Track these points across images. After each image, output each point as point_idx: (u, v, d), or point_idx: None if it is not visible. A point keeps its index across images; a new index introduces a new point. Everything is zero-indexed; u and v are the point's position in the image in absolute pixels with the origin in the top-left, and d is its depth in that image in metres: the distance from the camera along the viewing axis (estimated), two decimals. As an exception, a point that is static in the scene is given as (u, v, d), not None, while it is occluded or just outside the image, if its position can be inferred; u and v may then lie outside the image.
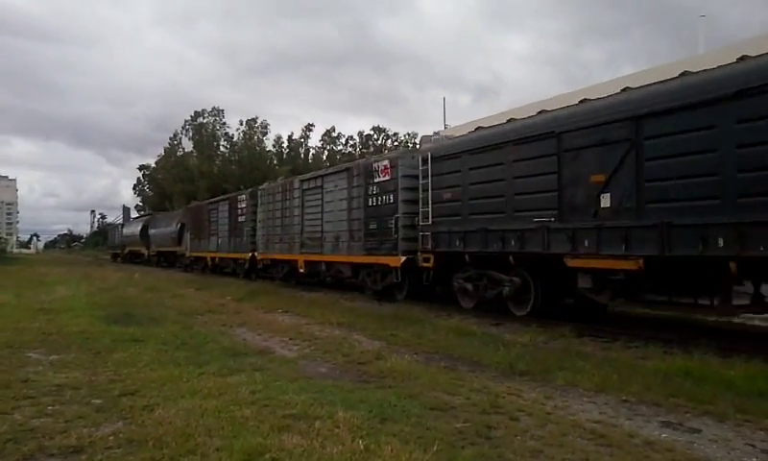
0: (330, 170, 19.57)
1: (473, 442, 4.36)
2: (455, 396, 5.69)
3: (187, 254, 32.31)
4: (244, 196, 24.95)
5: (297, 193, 19.98)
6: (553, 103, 11.77)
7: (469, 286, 12.48)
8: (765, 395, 5.62)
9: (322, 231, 18.07)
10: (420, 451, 4.00)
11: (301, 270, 19.48)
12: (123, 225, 57.86)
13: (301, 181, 20.10)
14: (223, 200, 28.28)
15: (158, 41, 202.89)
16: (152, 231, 42.63)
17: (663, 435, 4.65)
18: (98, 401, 5.41)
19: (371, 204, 15.43)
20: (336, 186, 17.45)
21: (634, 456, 4.12)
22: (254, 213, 23.58)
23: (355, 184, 16.33)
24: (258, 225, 23.12)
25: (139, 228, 46.23)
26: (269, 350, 8.25)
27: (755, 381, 5.93)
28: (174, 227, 36.40)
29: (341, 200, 17.08)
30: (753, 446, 4.45)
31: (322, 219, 18.17)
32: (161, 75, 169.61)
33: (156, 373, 6.48)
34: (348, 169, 17.23)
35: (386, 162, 15.04)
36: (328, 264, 18.08)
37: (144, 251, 44.28)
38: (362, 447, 4.07)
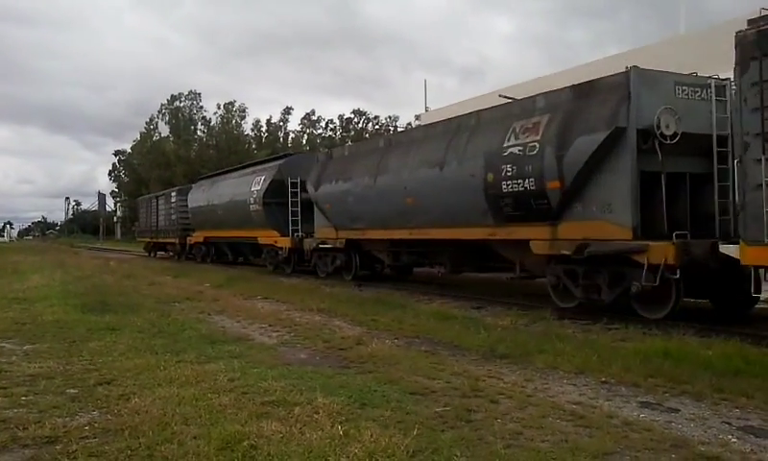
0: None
1: (453, 425, 4.35)
2: (435, 380, 5.68)
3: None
4: None
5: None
6: (536, 84, 11.76)
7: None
8: (741, 373, 5.69)
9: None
10: (400, 436, 3.97)
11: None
12: (188, 189, 28.60)
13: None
14: None
15: (138, 22, 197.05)
16: (322, 190, 16.38)
17: (642, 415, 4.68)
18: (73, 391, 5.31)
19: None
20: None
21: (612, 436, 4.13)
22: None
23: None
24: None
25: (258, 187, 19.78)
26: (248, 336, 8.17)
27: (731, 361, 6.01)
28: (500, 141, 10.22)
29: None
30: (729, 424, 4.49)
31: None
32: (141, 57, 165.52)
33: (132, 361, 6.37)
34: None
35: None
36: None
37: (269, 238, 19.70)
38: (341, 432, 4.03)
